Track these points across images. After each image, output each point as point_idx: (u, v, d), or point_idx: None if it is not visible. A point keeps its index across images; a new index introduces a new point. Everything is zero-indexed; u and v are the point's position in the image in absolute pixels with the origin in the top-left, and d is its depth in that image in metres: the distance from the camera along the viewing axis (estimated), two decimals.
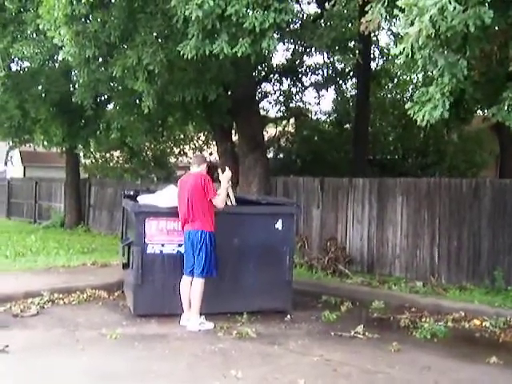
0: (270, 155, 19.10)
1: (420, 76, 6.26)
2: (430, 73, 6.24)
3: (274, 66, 15.99)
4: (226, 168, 8.25)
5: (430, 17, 4.79)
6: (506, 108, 6.07)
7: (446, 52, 5.49)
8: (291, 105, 19.09)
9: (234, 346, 6.83)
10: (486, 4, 4.89)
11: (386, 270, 11.56)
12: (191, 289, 7.65)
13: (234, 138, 14.87)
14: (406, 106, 6.10)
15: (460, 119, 10.80)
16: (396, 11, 5.32)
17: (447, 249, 10.77)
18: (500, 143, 19.61)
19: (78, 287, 9.31)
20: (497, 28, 5.84)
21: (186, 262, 7.76)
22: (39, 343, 6.76)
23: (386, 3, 5.78)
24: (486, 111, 10.53)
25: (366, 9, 6.07)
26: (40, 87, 14.75)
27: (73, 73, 12.69)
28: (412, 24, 5.05)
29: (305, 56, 14.62)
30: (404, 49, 5.22)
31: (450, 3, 4.70)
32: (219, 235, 8.07)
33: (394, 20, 11.50)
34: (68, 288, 9.20)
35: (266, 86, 17.55)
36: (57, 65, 14.15)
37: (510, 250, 10.05)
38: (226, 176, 8.07)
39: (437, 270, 10.85)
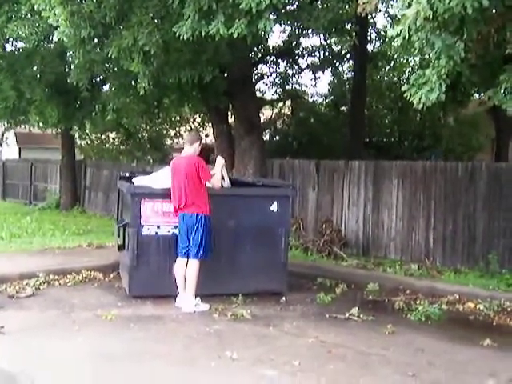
0: (266, 137, 19.11)
1: (417, 59, 6.23)
2: (426, 55, 6.22)
3: (271, 47, 15.95)
4: (219, 156, 8.34)
5: None
6: (502, 91, 6.06)
7: (443, 34, 5.47)
8: (287, 87, 19.05)
9: (229, 327, 6.86)
10: None
11: (381, 253, 11.60)
12: (186, 270, 7.66)
13: (230, 119, 14.84)
14: (403, 89, 6.08)
15: (456, 102, 10.82)
16: None
17: (442, 232, 10.81)
18: (496, 127, 19.62)
19: (74, 268, 9.31)
20: (494, 10, 5.81)
21: (179, 244, 7.77)
22: (35, 324, 6.77)
23: None
24: (482, 94, 10.53)
25: None
26: (35, 68, 14.64)
27: (68, 53, 12.59)
28: (409, 6, 5.03)
29: (301, 38, 14.57)
30: (401, 31, 5.20)
31: None
32: (215, 217, 8.07)
33: (392, 2, 11.44)
34: (63, 269, 9.21)
35: (263, 68, 17.52)
36: (52, 45, 14.04)
37: (505, 233, 10.09)
38: (219, 161, 8.13)
39: (432, 252, 10.90)
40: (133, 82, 11.29)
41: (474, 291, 8.77)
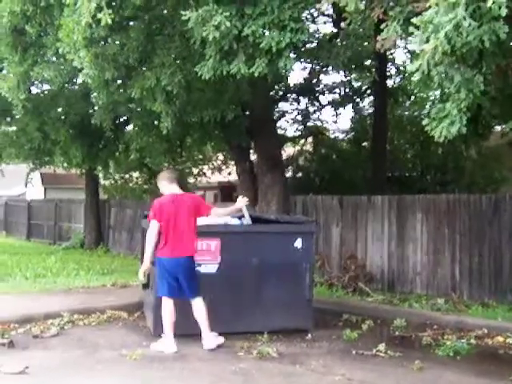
0: (289, 174, 19.13)
1: (437, 93, 6.25)
2: (446, 89, 6.24)
3: (291, 85, 16.08)
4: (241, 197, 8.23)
5: (446, 33, 4.80)
6: None
7: (461, 68, 5.49)
8: (309, 123, 19.16)
9: (254, 365, 6.80)
10: (501, 19, 4.89)
11: (406, 288, 11.49)
12: (199, 310, 7.65)
13: (253, 157, 14.92)
14: (424, 123, 6.09)
15: (478, 135, 10.79)
16: (411, 28, 5.33)
17: (468, 265, 10.69)
18: None
19: (98, 308, 9.33)
20: None
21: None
22: (59, 364, 6.76)
23: (401, 21, 5.81)
24: (503, 126, 10.50)
25: (382, 27, 6.10)
26: (60, 109, 14.93)
27: (92, 95, 12.82)
28: (427, 41, 5.06)
29: (322, 75, 14.69)
30: (420, 65, 5.22)
31: (465, 19, 4.71)
32: (238, 254, 8.10)
33: (409, 37, 11.51)
34: (88, 309, 9.23)
35: (284, 105, 17.67)
36: (76, 87, 14.33)
37: None
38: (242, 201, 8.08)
39: (458, 286, 10.77)
40: (155, 122, 11.47)
41: (502, 325, 8.63)
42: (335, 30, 14.32)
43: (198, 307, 7.59)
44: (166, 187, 7.89)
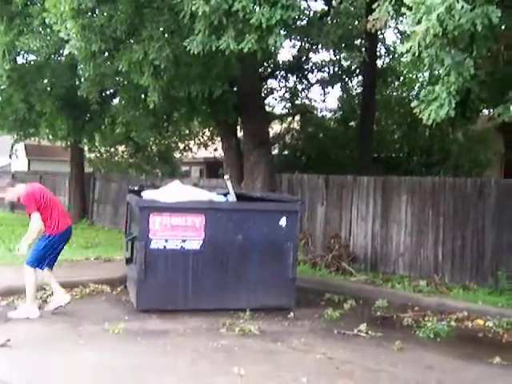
0: (275, 152, 19.09)
1: (426, 74, 6.23)
2: (436, 72, 6.22)
3: (280, 62, 15.98)
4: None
5: (438, 15, 4.77)
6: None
7: (452, 51, 5.47)
8: (297, 102, 19.07)
9: (236, 342, 6.83)
10: (494, 3, 4.86)
11: (389, 268, 11.55)
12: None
13: (239, 134, 14.86)
14: (412, 105, 6.08)
15: (465, 118, 10.78)
16: (403, 9, 5.29)
17: (451, 248, 10.76)
18: (505, 143, 19.55)
19: (81, 282, 9.31)
20: (504, 27, 5.81)
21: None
22: (41, 338, 6.76)
23: (393, 1, 5.76)
24: (491, 110, 10.52)
25: (374, 7, 6.05)
26: (45, 81, 14.74)
27: (78, 67, 12.67)
28: (419, 22, 5.03)
29: (311, 53, 14.60)
30: (411, 47, 5.20)
31: (458, 2, 4.68)
32: (222, 231, 8.11)
33: (401, 18, 11.48)
34: (71, 282, 9.18)
35: (272, 83, 17.56)
36: (62, 58, 14.13)
37: None
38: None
39: (440, 268, 10.84)
40: (142, 96, 11.37)
41: (483, 308, 8.71)
42: (326, 8, 14.21)
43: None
44: None
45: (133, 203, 8.60)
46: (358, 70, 16.93)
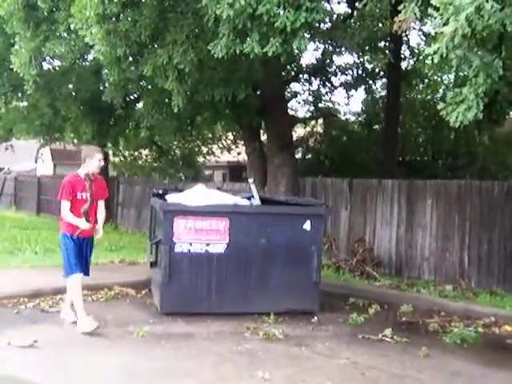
0: (299, 155, 19.06)
1: (451, 76, 6.17)
2: (462, 73, 6.14)
3: (304, 65, 15.94)
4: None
5: (466, 16, 4.71)
6: None
7: (480, 52, 5.39)
8: (320, 105, 19.00)
9: (260, 346, 6.80)
10: None
11: (414, 273, 11.44)
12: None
13: (263, 137, 14.84)
14: (439, 107, 6.00)
15: (492, 121, 10.64)
16: (430, 10, 5.23)
17: (477, 252, 10.62)
18: None
19: (106, 284, 9.35)
20: None
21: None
22: (67, 339, 6.79)
23: (419, 2, 5.70)
24: None
25: (399, 8, 5.99)
26: (71, 86, 14.90)
27: (103, 72, 12.77)
28: (447, 23, 4.97)
29: (334, 56, 14.53)
30: (438, 48, 5.13)
31: (488, 2, 4.61)
32: (247, 235, 8.09)
33: (426, 19, 11.38)
34: (96, 285, 9.22)
35: (295, 86, 17.54)
36: (87, 64, 14.27)
37: None
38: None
39: (467, 273, 10.71)
40: (166, 100, 11.39)
41: (510, 314, 8.58)
42: (350, 11, 14.16)
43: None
44: None
45: (157, 207, 8.61)
46: (382, 73, 16.85)
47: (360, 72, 16.46)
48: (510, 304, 9.12)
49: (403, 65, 18.08)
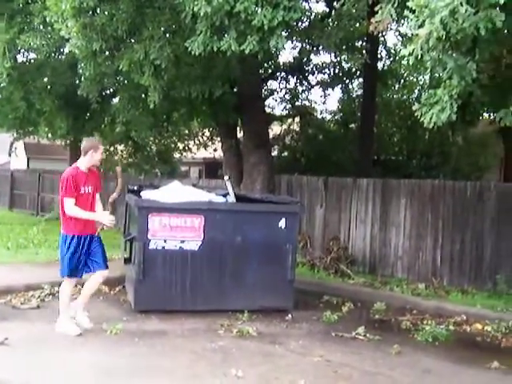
0: (275, 153, 19.08)
1: (427, 77, 6.22)
2: (437, 75, 6.20)
3: (281, 63, 15.97)
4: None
5: (441, 19, 4.75)
6: None
7: (455, 54, 5.45)
8: (297, 103, 19.07)
9: (234, 344, 6.81)
10: (498, 7, 4.85)
11: (388, 271, 11.54)
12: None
13: (239, 134, 14.84)
14: (414, 108, 6.05)
15: (466, 122, 10.79)
16: (406, 12, 5.27)
17: (450, 251, 10.74)
18: (505, 146, 19.56)
19: (79, 281, 9.23)
20: (507, 31, 5.80)
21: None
22: (39, 336, 6.74)
23: (396, 4, 5.74)
24: (492, 114, 10.52)
25: (376, 9, 6.03)
26: (46, 79, 14.72)
27: (79, 66, 12.65)
28: (422, 25, 5.01)
29: (312, 54, 14.57)
30: (413, 50, 5.18)
31: (462, 5, 4.66)
32: (221, 232, 8.09)
33: (403, 20, 11.47)
34: None
35: (272, 84, 17.54)
36: (63, 57, 14.11)
37: None
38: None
39: (439, 272, 10.83)
40: (143, 96, 11.35)
41: (481, 312, 8.70)
42: (328, 10, 14.19)
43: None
44: None
45: (132, 203, 8.57)
46: (358, 72, 16.95)
47: (337, 71, 16.56)
48: (480, 302, 9.25)
49: (380, 65, 18.20)
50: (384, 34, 16.75)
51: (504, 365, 6.45)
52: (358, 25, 11.42)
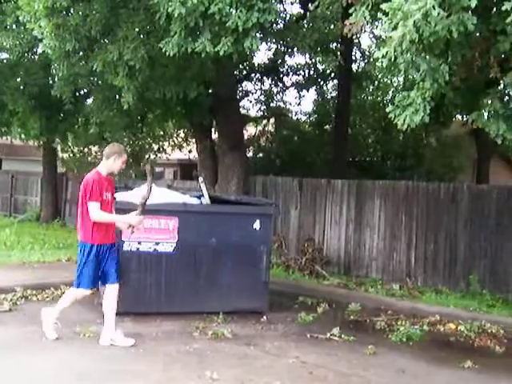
0: (250, 154, 19.07)
1: (401, 79, 6.27)
2: (411, 77, 6.25)
3: (256, 65, 15.97)
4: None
5: (414, 22, 4.79)
6: (485, 115, 6.11)
7: (428, 57, 5.50)
8: (272, 104, 19.08)
9: (209, 346, 6.79)
10: (470, 10, 4.90)
11: (362, 272, 11.60)
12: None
13: (214, 136, 14.81)
14: (387, 110, 6.10)
15: (439, 123, 10.88)
16: (380, 15, 5.30)
17: (424, 252, 10.84)
18: (477, 148, 19.80)
19: (53, 283, 9.20)
20: (479, 35, 5.86)
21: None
22: (11, 340, 6.65)
23: (369, 6, 5.77)
24: (465, 116, 10.62)
25: (350, 11, 6.07)
26: (18, 79, 14.57)
27: (52, 66, 12.54)
28: (395, 28, 5.05)
29: (287, 56, 14.60)
30: (387, 52, 5.22)
31: (435, 9, 4.70)
32: (196, 234, 8.07)
33: (377, 23, 11.54)
34: (42, 284, 9.10)
35: (247, 85, 17.54)
36: (36, 57, 13.99)
37: (486, 254, 10.14)
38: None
39: (413, 272, 10.92)
40: (117, 96, 11.27)
41: (455, 312, 8.79)
42: (302, 12, 14.23)
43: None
44: None
45: None
46: (333, 74, 17.01)
47: (311, 73, 16.61)
48: (454, 302, 9.35)
49: (354, 67, 18.30)
50: (358, 36, 16.84)
51: (477, 364, 6.52)
52: (332, 27, 11.48)
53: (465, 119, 11.15)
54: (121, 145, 7.61)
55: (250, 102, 18.81)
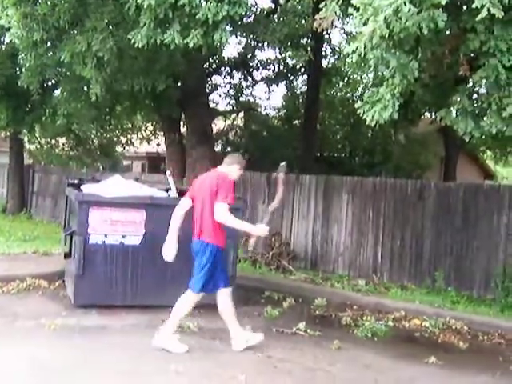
0: (218, 148, 19.04)
1: (370, 76, 6.30)
2: (380, 73, 6.28)
3: (226, 58, 15.95)
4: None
5: (385, 17, 4.81)
6: (454, 112, 6.17)
7: (398, 53, 5.53)
8: (241, 98, 19.09)
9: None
10: (440, 7, 4.93)
11: (329, 267, 11.64)
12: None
13: (183, 129, 14.75)
14: (356, 106, 6.12)
15: (408, 120, 10.96)
16: (350, 10, 5.31)
17: (390, 248, 10.91)
18: (445, 145, 20.02)
19: (18, 276, 9.06)
20: (449, 32, 5.90)
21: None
22: None
23: (340, 1, 5.78)
24: (433, 114, 10.72)
25: (321, 6, 6.06)
26: None
27: (19, 56, 12.36)
28: (366, 23, 5.06)
29: (257, 50, 14.61)
30: (357, 48, 5.22)
31: (405, 5, 4.72)
32: (163, 227, 7.99)
33: (348, 18, 11.57)
34: (7, 276, 8.96)
35: (217, 79, 17.55)
36: (3, 47, 13.78)
37: (451, 251, 10.25)
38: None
39: (379, 268, 10.99)
40: (85, 88, 11.15)
41: (420, 308, 8.86)
42: (273, 6, 14.24)
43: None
44: None
45: (72, 197, 8.41)
46: (303, 69, 17.07)
47: (281, 67, 16.65)
48: (419, 298, 9.43)
49: (324, 62, 18.37)
50: (329, 31, 16.89)
51: (440, 360, 6.60)
52: (302, 21, 11.49)
53: (433, 116, 11.23)
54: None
55: (220, 95, 18.84)
